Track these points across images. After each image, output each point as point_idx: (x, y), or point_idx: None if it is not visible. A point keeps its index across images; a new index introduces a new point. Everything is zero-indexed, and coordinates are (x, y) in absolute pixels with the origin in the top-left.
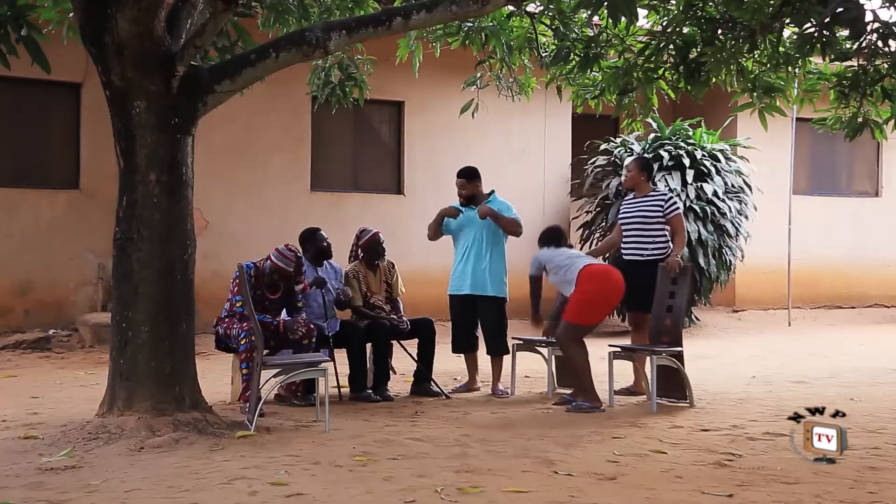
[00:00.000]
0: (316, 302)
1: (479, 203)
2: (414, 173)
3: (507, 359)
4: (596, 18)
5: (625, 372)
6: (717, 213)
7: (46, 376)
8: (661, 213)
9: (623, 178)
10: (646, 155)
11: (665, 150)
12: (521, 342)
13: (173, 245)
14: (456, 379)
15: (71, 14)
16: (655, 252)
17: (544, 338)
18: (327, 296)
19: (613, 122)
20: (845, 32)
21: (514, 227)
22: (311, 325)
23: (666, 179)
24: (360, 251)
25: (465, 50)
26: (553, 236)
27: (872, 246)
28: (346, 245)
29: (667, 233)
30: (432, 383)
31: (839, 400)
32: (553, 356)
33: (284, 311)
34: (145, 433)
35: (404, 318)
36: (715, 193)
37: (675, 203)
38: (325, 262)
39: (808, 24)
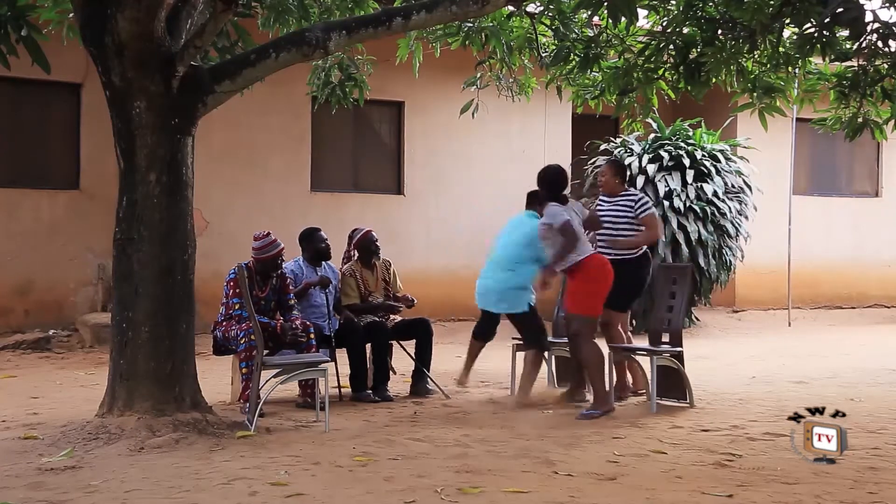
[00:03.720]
0: (318, 301)
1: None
2: (414, 173)
3: (508, 358)
4: (596, 19)
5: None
6: (717, 214)
7: (46, 376)
8: (631, 214)
9: (598, 182)
10: (620, 157)
11: (665, 151)
12: (522, 342)
13: (173, 245)
14: (456, 379)
15: (71, 14)
16: (624, 252)
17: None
18: (330, 296)
19: (613, 122)
20: (845, 32)
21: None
22: (307, 322)
23: (666, 179)
24: (353, 251)
25: (465, 50)
26: (556, 183)
27: (872, 246)
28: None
29: (636, 233)
30: (429, 382)
31: (839, 400)
32: (553, 356)
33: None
34: (145, 433)
35: (408, 295)
36: (715, 194)
37: (647, 202)
38: (323, 263)
39: (808, 25)
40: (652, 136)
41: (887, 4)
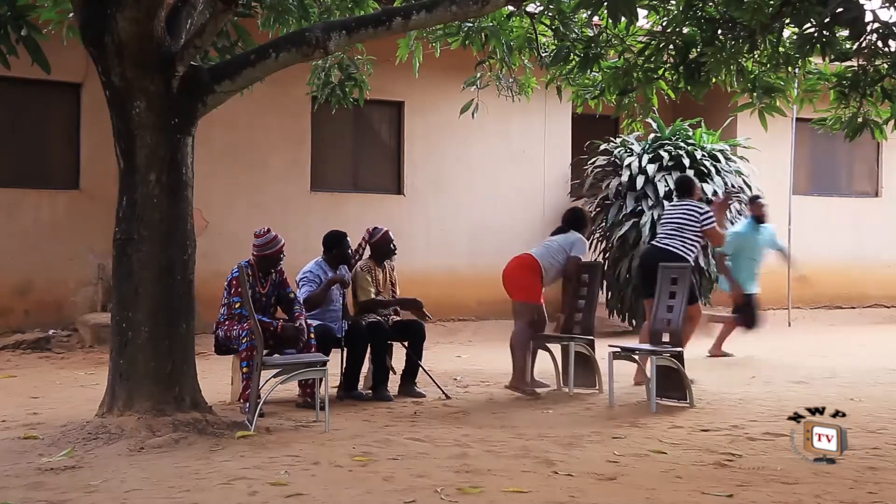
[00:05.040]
0: (336, 305)
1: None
2: (414, 173)
3: (508, 359)
4: (596, 18)
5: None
6: None
7: (46, 376)
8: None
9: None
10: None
11: (665, 151)
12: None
13: (173, 245)
14: (456, 379)
15: (71, 14)
16: None
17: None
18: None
19: (613, 122)
20: (845, 32)
21: None
22: (308, 321)
23: (666, 179)
24: (367, 248)
25: (465, 50)
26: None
27: (872, 246)
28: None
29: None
30: (417, 385)
31: (839, 400)
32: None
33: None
34: (145, 433)
35: (417, 299)
36: (715, 193)
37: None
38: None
39: (808, 24)
40: (652, 136)
41: (887, 4)
